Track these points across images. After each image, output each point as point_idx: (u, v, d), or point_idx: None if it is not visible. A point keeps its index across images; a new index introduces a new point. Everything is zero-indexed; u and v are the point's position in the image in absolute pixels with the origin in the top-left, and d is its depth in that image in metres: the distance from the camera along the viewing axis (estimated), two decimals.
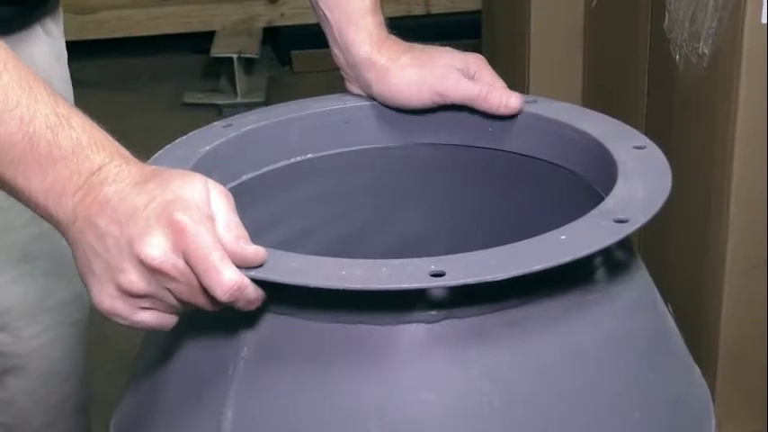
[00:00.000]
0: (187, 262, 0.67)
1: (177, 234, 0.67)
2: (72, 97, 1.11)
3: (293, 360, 0.72)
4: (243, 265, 0.68)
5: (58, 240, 1.17)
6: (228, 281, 0.67)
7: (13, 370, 1.17)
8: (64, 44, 1.13)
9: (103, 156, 0.70)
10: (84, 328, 1.23)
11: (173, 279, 0.67)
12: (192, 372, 0.76)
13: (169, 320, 0.71)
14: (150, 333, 0.84)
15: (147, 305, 0.70)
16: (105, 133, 0.72)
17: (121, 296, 0.69)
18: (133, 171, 0.70)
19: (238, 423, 0.73)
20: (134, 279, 0.68)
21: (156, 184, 0.69)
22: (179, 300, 0.69)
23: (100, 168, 0.70)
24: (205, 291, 0.68)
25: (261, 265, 0.69)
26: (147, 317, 0.70)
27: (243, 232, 0.70)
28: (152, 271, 0.67)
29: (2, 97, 0.69)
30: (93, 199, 0.69)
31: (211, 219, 0.68)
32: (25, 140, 0.69)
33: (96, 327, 1.11)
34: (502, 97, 0.94)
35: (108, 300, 0.69)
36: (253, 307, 0.70)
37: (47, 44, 1.08)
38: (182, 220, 0.67)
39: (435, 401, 0.71)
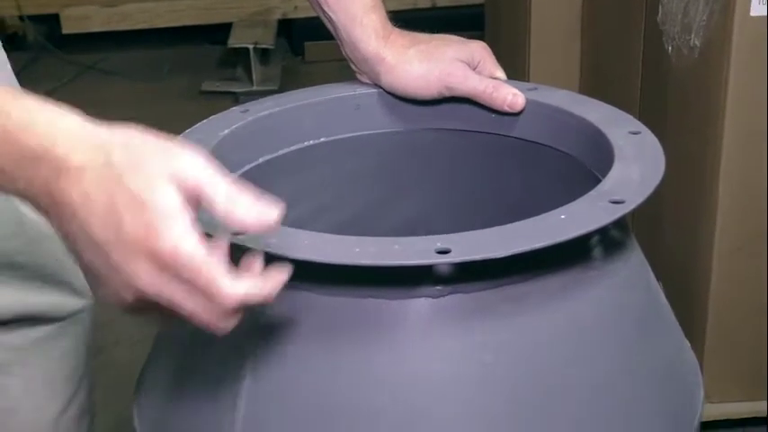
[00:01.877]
0: (186, 280, 0.61)
1: (162, 266, 0.60)
2: None
3: (307, 332, 0.72)
4: (268, 231, 0.63)
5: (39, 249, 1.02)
6: (233, 296, 0.61)
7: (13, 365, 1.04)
8: (3, 54, 1.03)
9: (57, 161, 0.61)
10: (80, 332, 1.09)
11: (177, 301, 0.61)
12: (210, 343, 0.76)
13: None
14: None
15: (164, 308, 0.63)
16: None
17: (133, 307, 0.63)
18: (88, 156, 0.61)
19: (254, 390, 0.73)
20: (137, 300, 0.62)
21: (117, 186, 0.60)
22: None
23: (57, 175, 0.61)
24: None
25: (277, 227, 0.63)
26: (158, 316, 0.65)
27: (247, 197, 0.62)
28: (151, 295, 0.61)
29: None
30: (63, 212, 0.61)
31: (182, 224, 0.60)
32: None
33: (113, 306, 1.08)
34: (506, 97, 0.93)
35: (120, 300, 0.63)
36: (275, 292, 0.64)
37: None
38: (162, 248, 0.59)
39: (441, 371, 0.71)
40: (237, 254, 0.66)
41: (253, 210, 0.62)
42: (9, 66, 1.04)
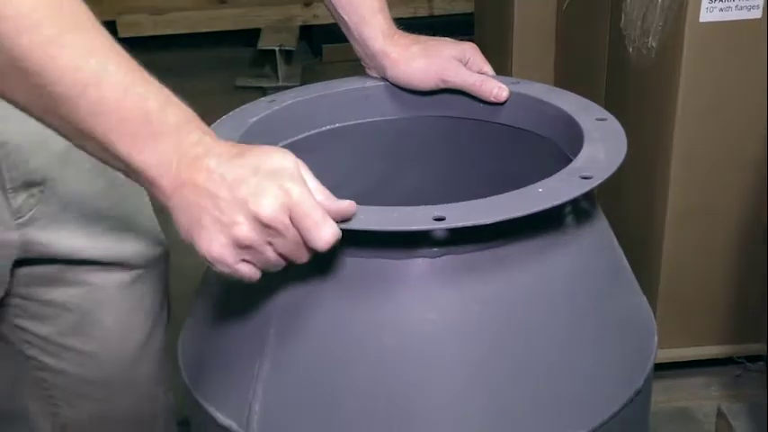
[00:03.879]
0: (292, 220, 0.64)
1: (286, 197, 0.63)
2: None
3: (325, 284, 0.72)
4: (339, 219, 0.66)
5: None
6: (331, 235, 0.65)
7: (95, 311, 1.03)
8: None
9: (200, 133, 0.66)
10: (159, 275, 1.07)
11: (279, 233, 0.64)
12: (243, 296, 0.76)
13: (257, 275, 0.67)
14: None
15: (247, 257, 0.66)
16: (194, 113, 0.68)
17: (231, 245, 0.64)
18: (227, 146, 0.66)
19: (280, 335, 0.73)
20: (246, 230, 0.63)
21: (255, 156, 0.65)
22: (276, 253, 0.66)
23: (199, 142, 0.65)
24: (304, 243, 0.65)
25: (351, 218, 0.67)
26: (245, 267, 0.66)
27: (329, 193, 0.67)
28: (263, 226, 0.64)
29: (123, 76, 0.64)
30: (199, 168, 0.64)
31: (305, 185, 0.65)
32: (142, 116, 0.64)
33: (172, 262, 1.06)
34: (492, 89, 0.92)
35: (218, 248, 0.64)
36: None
37: None
38: (290, 187, 0.64)
39: (436, 319, 0.71)
40: None
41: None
42: None
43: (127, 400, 1.06)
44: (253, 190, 0.64)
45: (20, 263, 0.93)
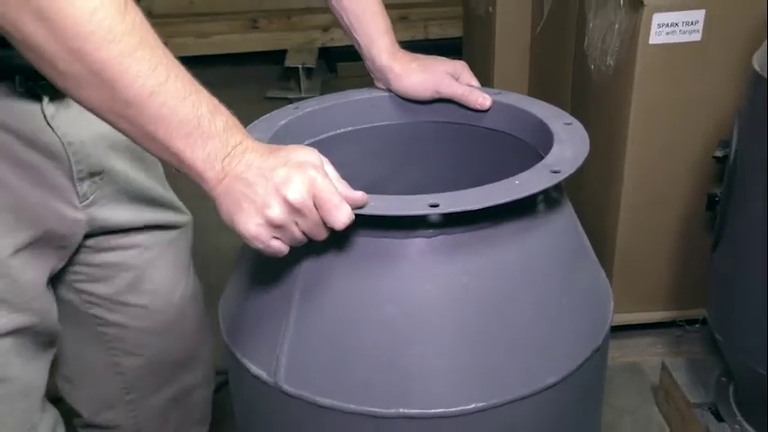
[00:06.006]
0: (315, 203, 0.65)
1: (311, 184, 0.65)
2: None
3: (339, 259, 0.72)
4: (354, 206, 0.67)
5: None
6: (346, 217, 0.66)
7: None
8: None
9: (241, 135, 0.67)
10: (187, 238, 1.09)
11: (304, 215, 0.65)
12: (273, 267, 0.76)
13: (286, 250, 0.68)
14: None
15: (278, 235, 0.66)
16: (236, 119, 0.69)
17: (265, 225, 0.65)
18: (263, 146, 0.68)
19: (303, 299, 0.73)
20: (278, 212, 0.64)
21: (285, 152, 0.66)
22: (301, 231, 0.67)
23: (240, 143, 0.66)
24: (324, 224, 0.66)
25: (365, 206, 0.67)
26: (276, 243, 0.67)
27: (346, 183, 0.68)
28: (292, 208, 0.65)
29: (182, 86, 0.65)
30: (239, 162, 0.65)
31: (327, 175, 0.66)
32: (195, 119, 0.65)
33: (211, 242, 1.07)
34: (478, 99, 0.93)
35: (254, 227, 0.65)
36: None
37: None
38: (314, 176, 0.65)
39: (432, 289, 0.71)
40: None
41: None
42: None
43: (177, 345, 1.08)
44: (283, 178, 0.64)
45: (85, 236, 0.95)
